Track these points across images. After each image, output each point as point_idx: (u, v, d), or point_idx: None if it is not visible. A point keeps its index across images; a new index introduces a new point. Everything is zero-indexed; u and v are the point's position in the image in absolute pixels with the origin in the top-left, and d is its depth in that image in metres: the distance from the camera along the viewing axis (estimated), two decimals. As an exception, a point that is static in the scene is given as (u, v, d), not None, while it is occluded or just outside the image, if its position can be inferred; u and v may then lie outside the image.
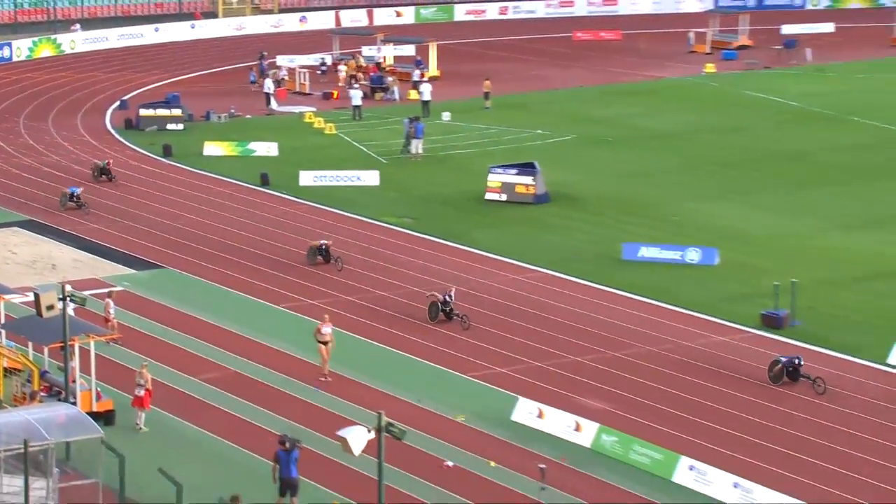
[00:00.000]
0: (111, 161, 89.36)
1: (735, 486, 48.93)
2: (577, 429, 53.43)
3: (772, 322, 65.40)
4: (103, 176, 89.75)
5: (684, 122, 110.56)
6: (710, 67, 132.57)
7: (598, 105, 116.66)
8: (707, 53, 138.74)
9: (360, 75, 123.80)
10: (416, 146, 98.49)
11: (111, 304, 63.00)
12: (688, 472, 49.54)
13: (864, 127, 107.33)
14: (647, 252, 75.70)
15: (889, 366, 60.25)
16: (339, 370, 59.31)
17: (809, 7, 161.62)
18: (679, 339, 63.68)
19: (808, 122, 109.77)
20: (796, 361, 54.19)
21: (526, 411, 55.13)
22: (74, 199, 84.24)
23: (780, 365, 54.79)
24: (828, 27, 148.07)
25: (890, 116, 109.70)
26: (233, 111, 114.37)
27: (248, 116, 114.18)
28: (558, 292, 71.05)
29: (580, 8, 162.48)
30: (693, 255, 75.07)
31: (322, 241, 68.61)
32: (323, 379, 58.51)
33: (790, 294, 65.55)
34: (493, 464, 50.66)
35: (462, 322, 64.84)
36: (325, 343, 58.59)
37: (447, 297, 65.19)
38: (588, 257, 76.07)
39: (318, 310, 64.53)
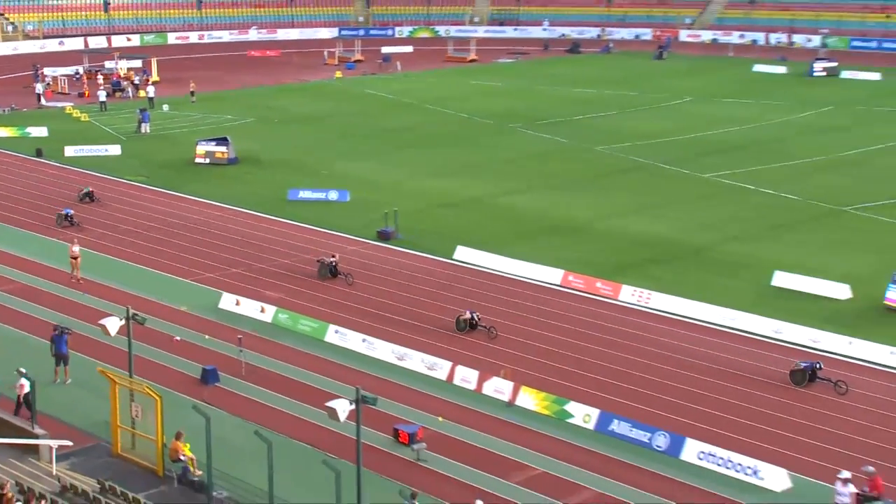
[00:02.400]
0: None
1: (363, 341, 49.22)
2: (262, 311, 53.21)
3: (384, 236, 65.36)
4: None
5: (325, 109, 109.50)
6: (338, 74, 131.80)
7: (268, 98, 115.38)
8: (336, 65, 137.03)
9: (104, 80, 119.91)
10: (145, 128, 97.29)
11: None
12: (334, 335, 50.12)
13: (433, 111, 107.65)
14: (304, 194, 74.93)
15: (458, 261, 61.16)
16: (91, 277, 58.14)
17: (398, 36, 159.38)
18: (327, 250, 62.11)
19: (400, 109, 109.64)
20: (816, 366, 46.39)
21: (228, 301, 54.50)
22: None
23: (801, 369, 46.12)
24: (409, 48, 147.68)
25: (447, 104, 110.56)
26: (13, 107, 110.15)
27: (24, 110, 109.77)
28: (246, 222, 69.67)
29: (253, 35, 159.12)
30: (333, 195, 74.60)
31: (331, 259, 59.10)
32: (75, 281, 57.66)
33: (395, 218, 65.58)
34: (207, 337, 50.22)
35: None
36: (75, 258, 57.91)
37: None
38: (265, 199, 74.43)
39: (85, 241, 62.67)
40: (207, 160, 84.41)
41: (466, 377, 45.75)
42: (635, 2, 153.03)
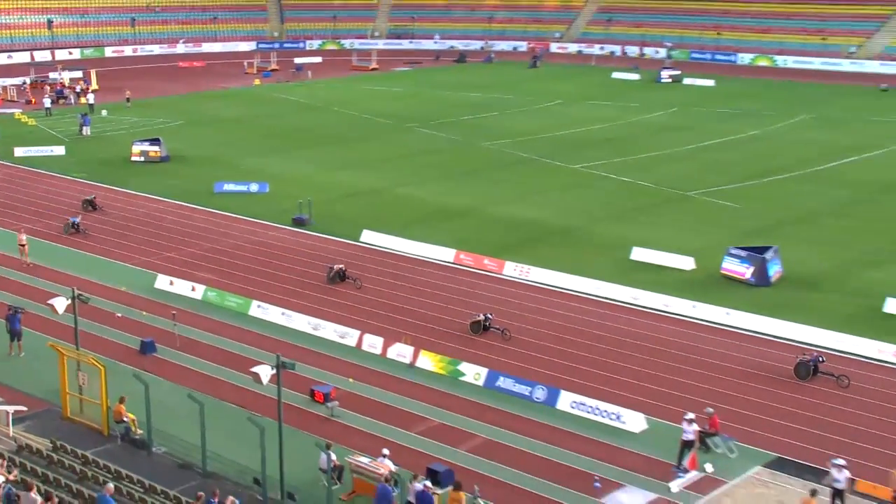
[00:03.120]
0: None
1: (282, 314, 48.70)
2: (193, 290, 52.52)
3: (299, 223, 64.95)
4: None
5: (245, 112, 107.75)
6: (257, 81, 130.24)
7: (196, 104, 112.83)
8: (254, 74, 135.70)
9: (49, 89, 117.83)
10: (86, 131, 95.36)
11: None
12: (257, 309, 49.83)
13: (340, 113, 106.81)
14: (228, 187, 73.78)
15: (364, 243, 60.87)
16: (39, 262, 57.35)
17: (308, 48, 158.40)
18: (249, 235, 62.59)
19: (311, 111, 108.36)
20: (819, 360, 44.46)
21: (163, 282, 53.73)
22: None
23: (802, 363, 43.94)
24: (318, 59, 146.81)
25: (351, 107, 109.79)
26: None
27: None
28: (178, 213, 68.60)
29: (180, 48, 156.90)
30: (254, 187, 73.74)
31: (339, 266, 54.97)
32: (26, 265, 56.73)
33: (309, 207, 65.17)
34: (145, 313, 49.59)
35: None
36: (23, 245, 57.24)
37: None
38: (194, 192, 73.35)
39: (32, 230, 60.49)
40: (142, 158, 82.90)
41: (373, 343, 45.79)
42: (513, 19, 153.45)
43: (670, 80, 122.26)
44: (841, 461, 33.70)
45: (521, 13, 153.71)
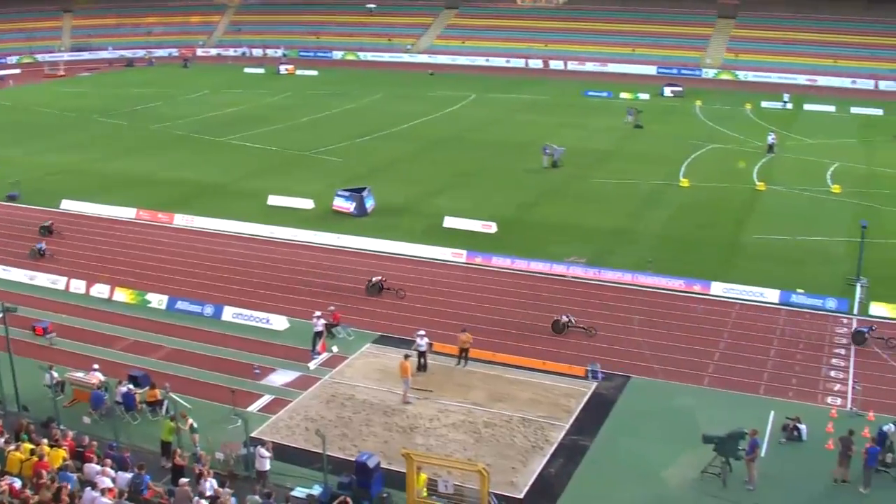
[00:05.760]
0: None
1: (4, 270, 43.72)
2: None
3: (11, 198, 58.30)
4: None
5: None
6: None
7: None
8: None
9: None
10: None
11: None
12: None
13: (38, 111, 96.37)
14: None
15: (64, 210, 56.06)
16: None
17: (9, 62, 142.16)
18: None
19: (16, 111, 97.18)
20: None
21: None
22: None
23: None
24: (18, 70, 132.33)
25: (48, 106, 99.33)
26: None
27: None
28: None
29: None
30: None
31: (378, 278, 42.91)
32: None
33: (18, 185, 59.30)
34: None
35: None
36: None
37: None
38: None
39: None
40: None
41: (77, 286, 42.69)
42: (167, 32, 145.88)
43: (286, 72, 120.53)
44: (422, 331, 34.95)
45: (174, 28, 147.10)
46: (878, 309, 39.50)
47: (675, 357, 35.43)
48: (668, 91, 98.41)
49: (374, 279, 42.47)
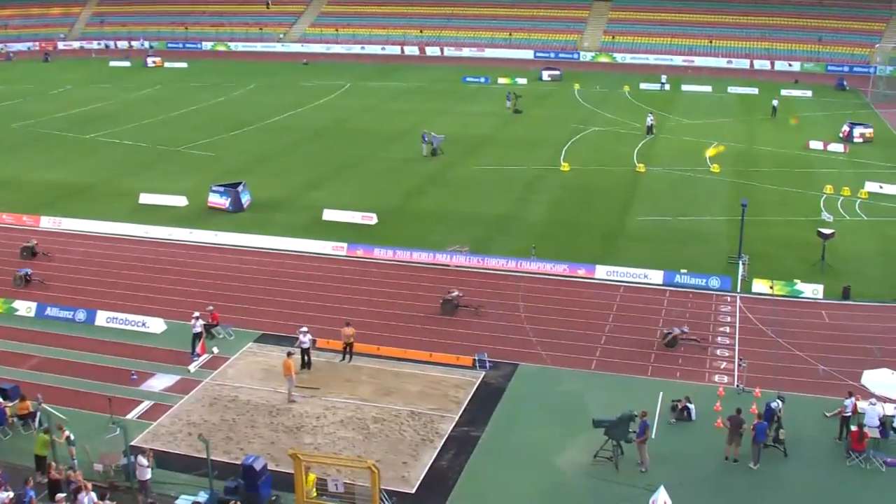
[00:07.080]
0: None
1: None
2: None
3: None
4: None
5: None
6: None
7: None
8: None
9: None
10: None
11: None
12: None
13: None
14: None
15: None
16: None
17: None
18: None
19: None
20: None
21: None
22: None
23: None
24: None
25: None
26: None
27: None
28: None
29: None
30: None
31: (453, 294, 39.26)
32: None
33: None
34: None
35: None
36: None
37: None
38: None
39: None
40: None
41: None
42: (26, 25, 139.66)
43: (154, 65, 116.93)
44: (304, 328, 34.58)
45: (32, 20, 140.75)
46: (759, 286, 41.00)
47: (562, 342, 36.11)
48: (546, 75, 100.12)
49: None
